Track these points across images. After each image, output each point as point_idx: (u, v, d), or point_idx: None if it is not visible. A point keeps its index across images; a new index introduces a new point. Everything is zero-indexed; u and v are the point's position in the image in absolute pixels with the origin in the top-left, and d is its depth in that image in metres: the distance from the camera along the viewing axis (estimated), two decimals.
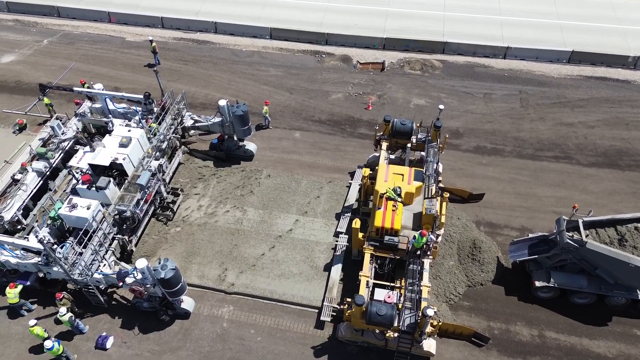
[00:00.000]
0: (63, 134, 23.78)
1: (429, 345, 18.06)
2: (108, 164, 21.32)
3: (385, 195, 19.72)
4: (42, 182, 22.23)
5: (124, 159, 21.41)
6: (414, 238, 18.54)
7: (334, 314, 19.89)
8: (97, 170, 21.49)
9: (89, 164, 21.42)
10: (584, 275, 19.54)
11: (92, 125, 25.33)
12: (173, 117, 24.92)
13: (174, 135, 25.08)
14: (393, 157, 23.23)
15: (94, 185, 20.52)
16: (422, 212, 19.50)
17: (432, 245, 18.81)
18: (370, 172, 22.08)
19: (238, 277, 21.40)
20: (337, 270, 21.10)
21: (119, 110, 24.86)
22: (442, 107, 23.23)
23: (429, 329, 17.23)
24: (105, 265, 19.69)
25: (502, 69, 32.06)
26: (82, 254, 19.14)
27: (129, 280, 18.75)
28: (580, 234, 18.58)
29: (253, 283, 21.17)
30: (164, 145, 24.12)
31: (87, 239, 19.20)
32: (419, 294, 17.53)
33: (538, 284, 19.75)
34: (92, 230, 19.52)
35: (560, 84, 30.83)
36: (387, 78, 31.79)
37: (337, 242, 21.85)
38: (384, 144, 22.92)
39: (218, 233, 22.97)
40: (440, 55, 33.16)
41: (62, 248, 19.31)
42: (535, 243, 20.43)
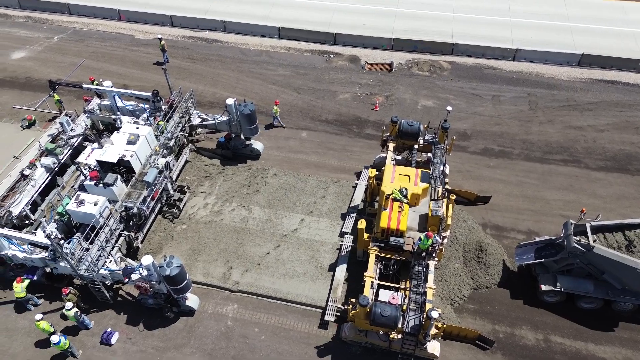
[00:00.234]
0: (72, 131, 23.93)
1: (433, 348, 18.00)
2: (116, 161, 21.45)
3: (392, 196, 19.67)
4: (50, 177, 22.41)
5: (132, 156, 21.53)
6: (420, 239, 18.49)
7: (338, 314, 19.87)
8: (104, 167, 21.63)
9: (97, 161, 21.55)
10: (591, 280, 19.39)
11: (100, 122, 25.49)
12: (181, 115, 25.03)
13: (182, 133, 25.18)
14: (400, 158, 23.17)
15: (102, 182, 20.67)
16: (428, 213, 19.44)
17: (437, 247, 18.72)
18: (377, 172, 22.05)
19: (243, 275, 21.45)
20: (341, 271, 21.09)
21: (127, 108, 25.01)
22: (449, 108, 23.15)
23: (433, 331, 17.17)
24: (112, 262, 19.79)
25: (511, 71, 31.88)
26: (88, 250, 19.27)
27: (135, 277, 18.85)
28: (588, 239, 18.43)
29: (258, 282, 21.21)
30: (172, 143, 24.22)
31: (93, 235, 19.30)
32: (424, 296, 17.46)
33: (544, 288, 19.61)
34: (99, 227, 19.64)
35: (570, 87, 30.61)
36: (394, 79, 31.72)
37: (342, 242, 21.85)
38: (391, 145, 22.87)
39: (224, 231, 23.04)
40: (449, 57, 33.04)
41: (69, 243, 19.44)
42: (542, 247, 20.28)
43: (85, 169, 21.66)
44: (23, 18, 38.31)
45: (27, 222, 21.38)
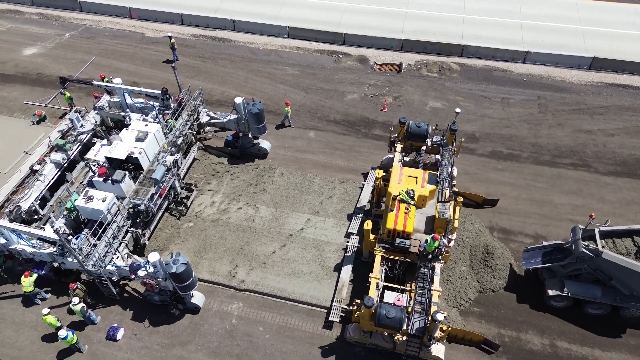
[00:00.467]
0: (81, 127, 24.12)
1: (438, 350, 17.92)
2: (124, 158, 21.59)
3: (398, 198, 19.62)
4: (59, 173, 22.59)
5: (140, 153, 21.67)
6: (426, 242, 18.43)
7: (343, 315, 19.87)
8: (113, 164, 21.78)
9: (106, 157, 21.71)
10: (599, 286, 19.20)
11: (110, 119, 25.67)
12: (189, 113, 25.14)
13: (190, 131, 25.28)
14: (407, 159, 23.10)
15: (110, 178, 20.81)
16: (435, 215, 19.37)
17: (444, 250, 18.66)
18: (384, 173, 22.00)
19: (248, 274, 21.49)
20: (347, 271, 21.07)
21: (137, 105, 25.14)
22: (458, 110, 23.04)
23: (438, 334, 17.08)
24: (119, 258, 19.93)
25: (521, 74, 31.67)
26: (96, 246, 19.41)
27: (141, 273, 18.96)
28: (596, 244, 18.26)
29: (263, 281, 21.24)
30: (180, 141, 24.33)
31: (101, 231, 19.46)
32: (429, 298, 17.40)
33: (551, 293, 19.46)
34: (106, 223, 19.79)
35: (580, 91, 30.35)
36: (403, 80, 31.63)
37: (348, 242, 21.82)
38: (399, 146, 22.81)
39: (230, 230, 23.10)
40: (458, 58, 32.89)
41: (77, 239, 19.62)
42: (550, 251, 20.12)
43: (94, 165, 21.83)
44: (35, 15, 38.67)
45: (36, 217, 21.56)
